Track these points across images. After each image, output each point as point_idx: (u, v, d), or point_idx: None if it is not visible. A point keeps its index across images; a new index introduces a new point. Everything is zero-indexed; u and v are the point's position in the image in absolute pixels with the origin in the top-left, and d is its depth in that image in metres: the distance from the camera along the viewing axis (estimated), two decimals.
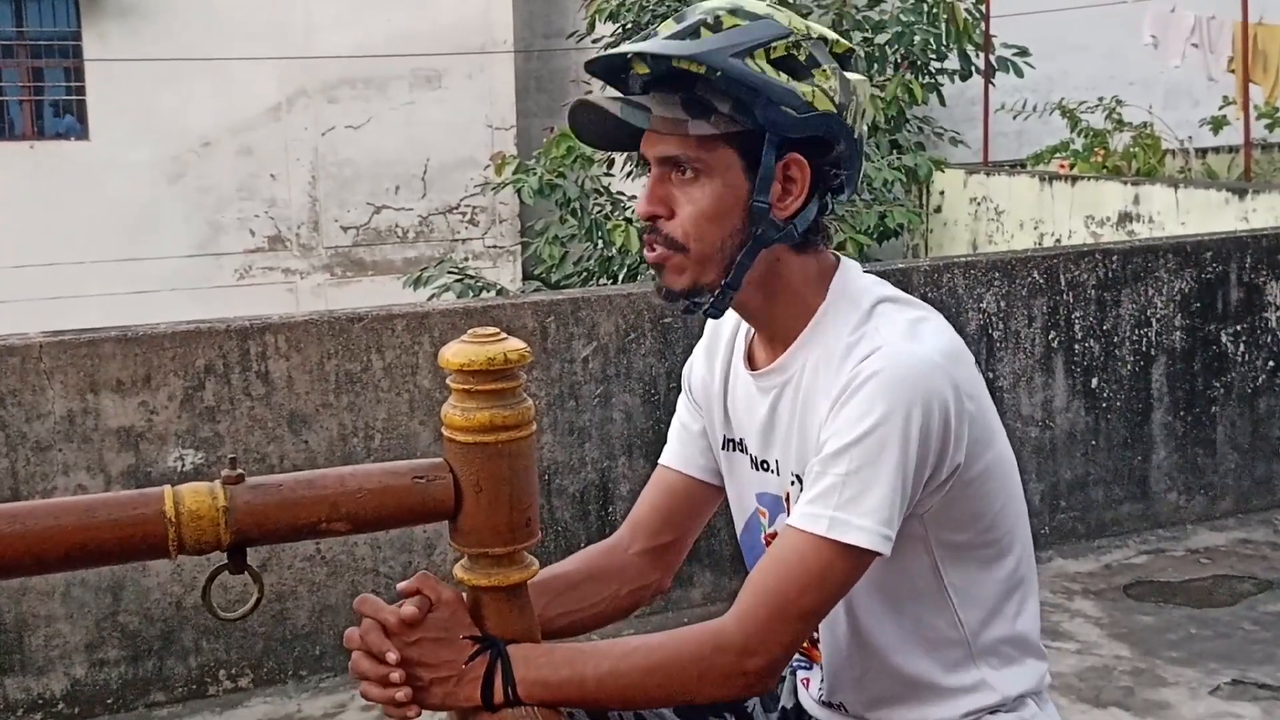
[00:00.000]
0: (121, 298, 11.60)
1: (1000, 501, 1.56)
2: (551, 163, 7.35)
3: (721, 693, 1.46)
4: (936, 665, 1.57)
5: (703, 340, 1.76)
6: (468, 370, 1.37)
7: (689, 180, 1.51)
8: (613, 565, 1.71)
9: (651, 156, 1.52)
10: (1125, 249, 4.69)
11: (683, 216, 1.51)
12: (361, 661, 1.41)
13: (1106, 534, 4.62)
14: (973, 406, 1.50)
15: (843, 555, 1.43)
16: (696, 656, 1.44)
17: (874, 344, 1.47)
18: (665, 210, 1.52)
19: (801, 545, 1.44)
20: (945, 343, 1.50)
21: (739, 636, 1.44)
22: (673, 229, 1.52)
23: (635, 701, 1.49)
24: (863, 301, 1.54)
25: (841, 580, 1.45)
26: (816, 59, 1.50)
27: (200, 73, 12.30)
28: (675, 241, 1.52)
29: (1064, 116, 10.15)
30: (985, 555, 1.56)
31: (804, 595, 1.44)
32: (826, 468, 1.45)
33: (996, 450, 1.55)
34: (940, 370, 1.46)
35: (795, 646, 1.48)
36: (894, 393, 1.43)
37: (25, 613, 3.46)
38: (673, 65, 1.46)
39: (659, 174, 1.53)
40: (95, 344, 3.45)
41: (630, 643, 1.48)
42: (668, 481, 1.75)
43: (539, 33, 13.91)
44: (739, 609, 1.46)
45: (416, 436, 3.72)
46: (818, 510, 1.44)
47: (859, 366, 1.46)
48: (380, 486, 1.38)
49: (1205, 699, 3.45)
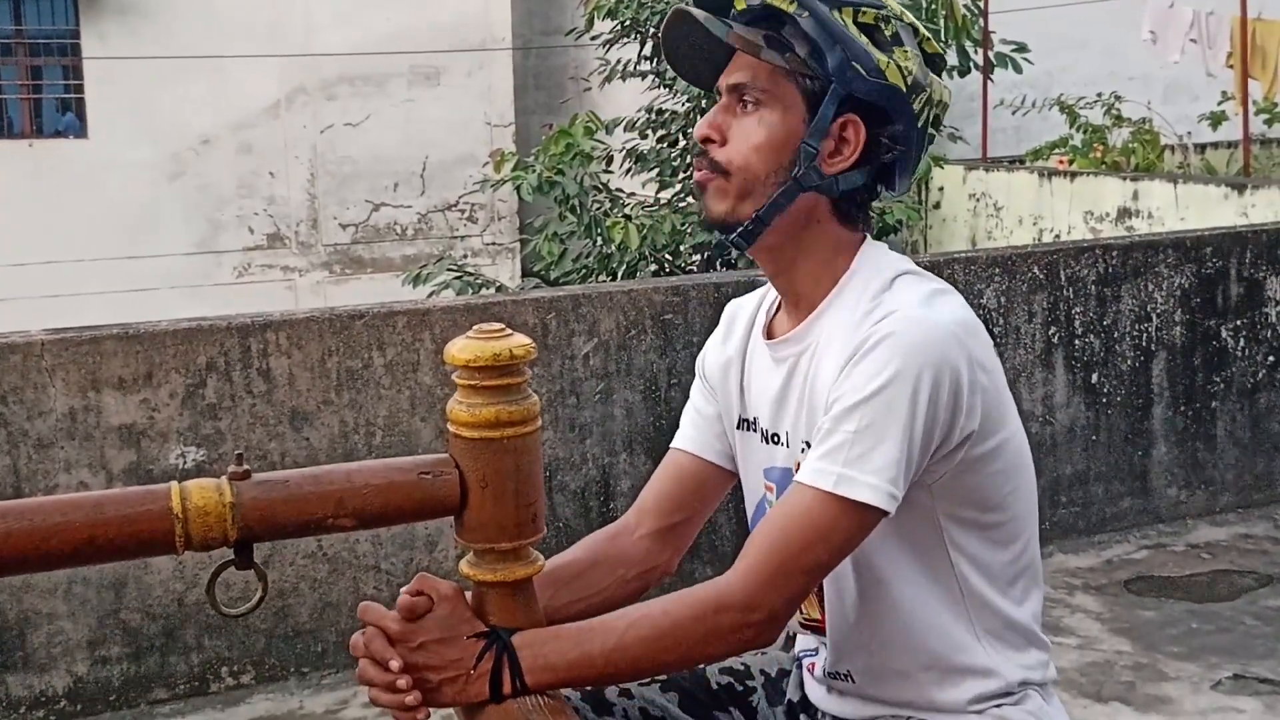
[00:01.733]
0: (121, 296, 11.60)
1: (1010, 487, 1.56)
2: (550, 160, 7.35)
3: (727, 649, 1.48)
4: (941, 641, 1.57)
5: (719, 328, 1.77)
6: (473, 366, 1.37)
7: (748, 113, 1.56)
8: (619, 549, 1.71)
9: (722, 85, 1.58)
10: (1125, 244, 4.69)
11: (733, 143, 1.56)
12: (368, 669, 1.42)
13: (1107, 529, 4.63)
14: (986, 380, 1.50)
15: (849, 512, 1.44)
16: (699, 617, 1.45)
17: (889, 308, 1.49)
18: (719, 136, 1.57)
19: (808, 500, 1.45)
20: (962, 316, 1.51)
21: (741, 594, 1.44)
22: (720, 154, 1.56)
23: (646, 671, 1.50)
24: (885, 273, 1.56)
25: (847, 537, 1.46)
26: (901, 39, 1.56)
27: (199, 71, 12.30)
28: (720, 166, 1.56)
29: (1063, 112, 10.15)
30: (992, 536, 1.57)
31: (808, 550, 1.44)
32: (836, 425, 1.46)
33: (1010, 432, 1.56)
34: (954, 338, 1.47)
35: (797, 601, 1.48)
36: (907, 355, 1.44)
37: (27, 610, 3.46)
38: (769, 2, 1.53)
39: (724, 103, 1.58)
40: (97, 341, 3.45)
41: (633, 614, 1.48)
42: (679, 464, 1.75)
43: (537, 30, 13.90)
44: (741, 565, 1.46)
45: (418, 433, 3.72)
46: (826, 466, 1.45)
47: (873, 328, 1.47)
48: (386, 482, 1.38)
49: (1207, 694, 3.46)
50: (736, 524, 4.03)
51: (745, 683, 1.76)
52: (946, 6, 8.69)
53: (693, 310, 4.01)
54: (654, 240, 7.04)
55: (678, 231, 7.12)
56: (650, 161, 8.13)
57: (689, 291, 4.02)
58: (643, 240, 6.96)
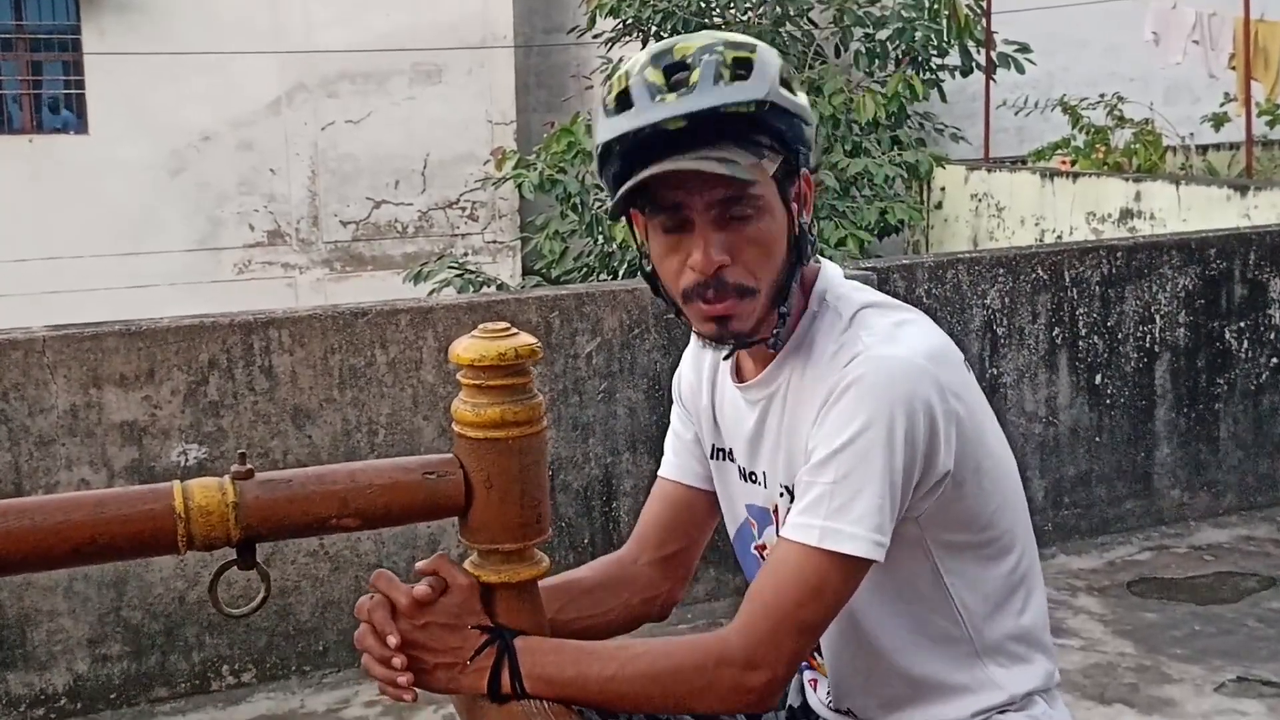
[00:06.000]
0: (121, 293, 11.59)
1: (996, 501, 1.55)
2: (552, 158, 7.35)
3: (723, 707, 1.46)
4: (943, 664, 1.57)
5: (689, 348, 1.74)
6: (479, 366, 1.36)
7: (744, 220, 1.45)
8: (625, 575, 1.71)
9: (699, 204, 1.44)
10: (1129, 245, 4.68)
11: (748, 259, 1.46)
12: (367, 637, 1.42)
13: (1110, 530, 4.61)
14: (960, 407, 1.48)
15: (837, 565, 1.42)
16: (700, 667, 1.44)
17: (854, 350, 1.46)
18: (729, 258, 1.46)
19: (796, 557, 1.43)
20: (929, 344, 1.48)
21: (741, 651, 1.43)
22: (740, 275, 1.46)
23: (638, 707, 1.49)
24: (844, 310, 1.53)
25: (838, 590, 1.44)
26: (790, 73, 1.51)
27: (200, 67, 12.28)
28: (745, 288, 1.46)
29: (1065, 113, 10.14)
30: (985, 554, 1.55)
31: (802, 608, 1.43)
32: (814, 477, 1.44)
33: (989, 449, 1.54)
34: (922, 372, 1.44)
35: (797, 660, 1.47)
36: (876, 398, 1.41)
37: (28, 608, 3.45)
38: (721, 111, 1.42)
39: (711, 220, 1.45)
40: (99, 338, 3.44)
41: (636, 648, 1.47)
42: (667, 493, 1.74)
43: (539, 28, 13.88)
44: (740, 622, 1.45)
45: (420, 432, 3.71)
46: (808, 520, 1.43)
47: (841, 374, 1.45)
48: (391, 482, 1.37)
49: (1210, 696, 3.45)
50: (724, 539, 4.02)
51: None
52: (949, 7, 8.69)
53: None
54: None
55: None
56: None
57: None
58: None
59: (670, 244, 1.48)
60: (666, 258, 1.49)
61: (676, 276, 1.48)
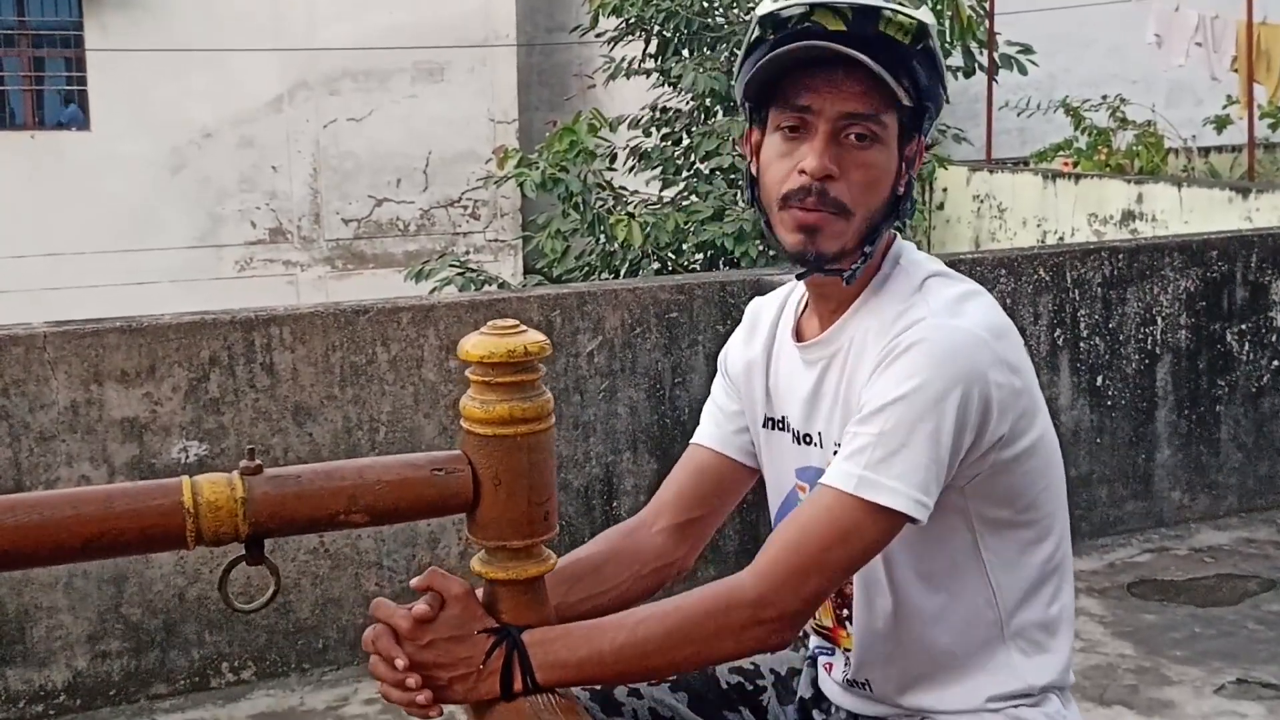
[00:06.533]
0: (121, 289, 11.57)
1: (1042, 484, 1.56)
2: (554, 157, 7.33)
3: (739, 646, 1.45)
4: (968, 641, 1.57)
5: (742, 325, 1.76)
6: (487, 362, 1.36)
7: (862, 145, 1.49)
8: (635, 544, 1.69)
9: (829, 111, 1.48)
10: (1131, 247, 4.68)
11: (854, 181, 1.49)
12: (379, 665, 1.41)
13: (1110, 532, 4.61)
14: (1018, 381, 1.49)
15: (871, 515, 1.43)
16: (710, 613, 1.44)
17: (918, 315, 1.48)
18: (838, 171, 1.49)
19: (830, 501, 1.44)
20: (991, 318, 1.50)
21: (753, 591, 1.43)
22: (842, 192, 1.49)
23: (657, 667, 1.48)
24: (914, 274, 1.55)
25: (868, 540, 1.44)
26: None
27: (201, 64, 12.27)
28: (843, 205, 1.49)
29: (1068, 114, 10.14)
30: (1024, 536, 1.56)
31: (826, 550, 1.43)
32: (861, 427, 1.45)
33: (1040, 431, 1.55)
34: (982, 345, 1.46)
35: (814, 603, 1.46)
36: (933, 364, 1.43)
37: (27, 604, 3.45)
38: (878, 30, 1.47)
39: (831, 131, 1.48)
40: (100, 334, 3.44)
41: (643, 611, 1.47)
42: (700, 459, 1.73)
43: (541, 26, 13.88)
44: (757, 562, 1.45)
45: (421, 429, 3.71)
46: (849, 468, 1.44)
47: (901, 336, 1.46)
48: (399, 479, 1.37)
49: (1210, 698, 3.45)
50: (740, 525, 4.02)
51: (755, 682, 1.75)
52: (952, 7, 8.67)
53: (698, 309, 4.00)
54: (657, 238, 7.03)
55: (680, 230, 7.11)
56: (654, 159, 8.13)
57: (694, 290, 4.01)
58: (645, 238, 6.95)
59: (785, 148, 1.51)
60: (777, 161, 1.52)
61: (781, 181, 1.51)
